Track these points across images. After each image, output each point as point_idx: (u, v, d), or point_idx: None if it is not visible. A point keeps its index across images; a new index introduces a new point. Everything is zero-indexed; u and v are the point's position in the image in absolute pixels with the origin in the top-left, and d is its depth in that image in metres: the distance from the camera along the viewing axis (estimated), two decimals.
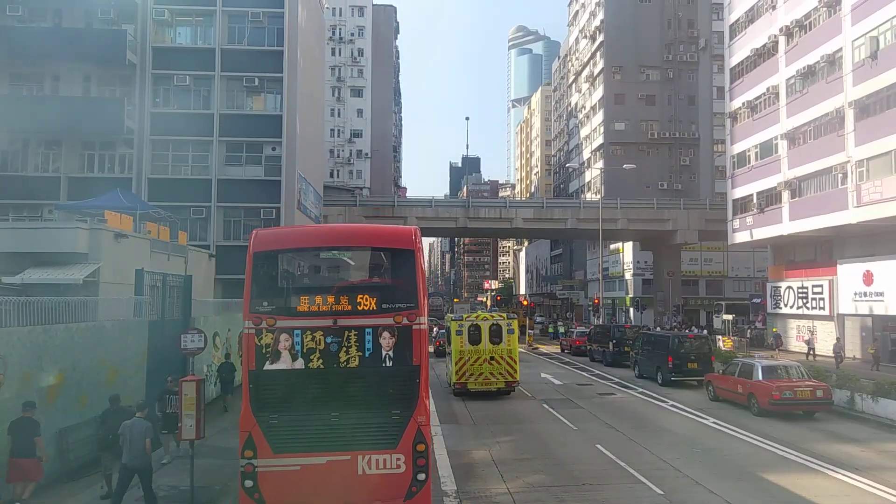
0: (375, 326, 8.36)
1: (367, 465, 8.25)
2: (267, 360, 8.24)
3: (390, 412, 8.32)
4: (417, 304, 8.45)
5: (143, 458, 9.28)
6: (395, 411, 8.32)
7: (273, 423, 8.18)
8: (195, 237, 30.36)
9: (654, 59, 67.14)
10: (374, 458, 8.25)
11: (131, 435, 9.23)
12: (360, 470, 8.23)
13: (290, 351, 8.28)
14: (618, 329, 29.95)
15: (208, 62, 31.29)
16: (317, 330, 8.30)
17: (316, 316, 8.37)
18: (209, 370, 18.83)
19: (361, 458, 8.23)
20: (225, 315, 21.64)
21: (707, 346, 22.87)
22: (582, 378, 25.55)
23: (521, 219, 50.32)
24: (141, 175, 30.69)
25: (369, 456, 8.25)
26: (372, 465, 8.26)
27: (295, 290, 8.91)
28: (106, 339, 12.64)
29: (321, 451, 8.19)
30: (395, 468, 8.28)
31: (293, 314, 8.40)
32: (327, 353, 8.30)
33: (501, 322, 20.69)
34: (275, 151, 31.65)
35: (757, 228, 38.35)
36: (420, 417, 8.34)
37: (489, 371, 20.29)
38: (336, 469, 8.17)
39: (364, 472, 8.23)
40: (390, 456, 8.29)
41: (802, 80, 33.47)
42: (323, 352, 8.30)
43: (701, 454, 13.24)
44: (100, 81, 31.17)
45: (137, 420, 9.48)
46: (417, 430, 8.31)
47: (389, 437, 8.28)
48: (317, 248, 9.48)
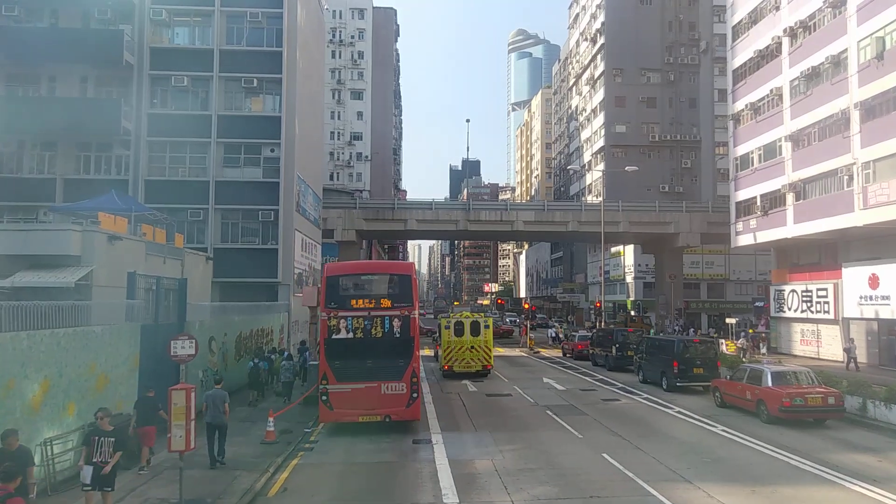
0: (391, 316, 15.73)
1: (386, 388, 15.50)
2: (333, 333, 15.54)
3: (397, 360, 15.61)
4: (412, 304, 16.02)
5: (221, 418, 12.59)
6: (400, 360, 15.65)
7: (336, 366, 15.45)
8: (192, 240, 30.01)
9: (654, 61, 66.94)
10: (390, 385, 15.53)
11: (213, 401, 12.63)
12: (382, 391, 15.48)
13: (345, 328, 15.58)
14: (620, 333, 29.49)
15: (206, 63, 30.91)
16: (359, 318, 15.64)
17: (359, 310, 15.74)
18: (205, 376, 18.39)
19: (383, 385, 15.50)
20: (222, 319, 21.21)
21: (713, 351, 22.38)
22: (585, 383, 25.11)
23: (522, 221, 49.92)
24: (138, 177, 30.29)
25: (387, 383, 15.51)
26: (389, 388, 15.51)
27: (348, 296, 16.09)
28: (95, 345, 12.20)
29: (361, 381, 15.40)
30: (400, 390, 15.52)
31: (347, 309, 15.74)
32: (365, 330, 15.60)
33: (480, 320, 27.13)
34: (273, 153, 31.26)
35: (760, 231, 37.94)
36: (414, 364, 15.71)
37: (470, 357, 26.38)
38: (369, 390, 15.39)
39: (384, 392, 15.48)
40: (398, 383, 15.54)
41: (807, 82, 33.11)
42: (363, 329, 15.59)
43: (711, 464, 12.80)
44: (97, 82, 30.77)
45: (217, 390, 12.89)
46: (412, 370, 15.65)
47: (397, 373, 15.55)
48: (359, 274, 17.73)
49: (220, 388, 12.98)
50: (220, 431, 12.65)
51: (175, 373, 16.49)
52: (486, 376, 26.89)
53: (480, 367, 26.54)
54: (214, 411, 12.59)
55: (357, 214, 49.64)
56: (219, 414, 12.56)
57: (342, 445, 14.76)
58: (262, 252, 30.87)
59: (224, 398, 12.72)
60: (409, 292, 16.08)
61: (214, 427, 12.57)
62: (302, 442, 15.01)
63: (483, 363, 26.55)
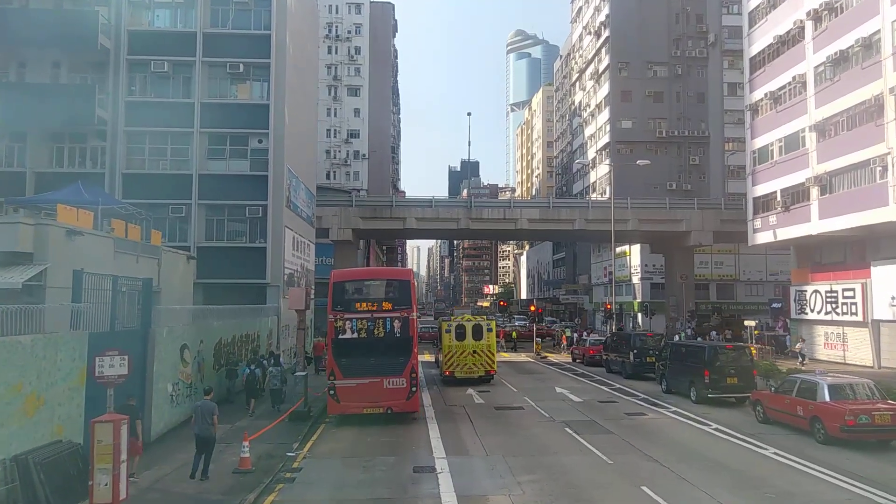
0: (392, 317, 17.16)
1: (388, 383, 16.86)
2: (339, 334, 17.06)
3: (398, 357, 16.99)
4: (411, 306, 17.49)
5: (209, 430, 11.88)
6: (401, 357, 17.02)
7: (343, 362, 16.91)
8: (174, 238, 27.77)
9: (661, 54, 64.72)
10: (391, 380, 16.87)
11: (202, 413, 11.95)
12: (385, 385, 16.84)
13: (350, 329, 17.02)
14: (639, 338, 27.14)
15: (189, 47, 28.65)
16: (363, 319, 17.12)
17: (363, 312, 17.21)
18: (175, 390, 16.11)
19: (385, 380, 16.85)
20: (200, 324, 18.92)
21: (748, 358, 19.97)
22: (602, 393, 22.81)
23: (527, 219, 47.62)
24: (115, 170, 28.01)
25: (389, 378, 16.86)
26: (390, 383, 16.86)
27: (353, 300, 17.53)
28: (21, 359, 9.91)
29: (366, 376, 16.77)
30: (401, 385, 16.91)
31: (352, 311, 17.23)
32: (368, 330, 17.07)
33: (482, 323, 26.11)
34: (261, 144, 28.98)
35: (781, 228, 35.71)
36: (413, 361, 17.10)
37: (472, 362, 25.03)
38: (373, 385, 16.76)
39: (386, 387, 16.85)
40: (398, 378, 16.90)
41: (834, 67, 30.90)
42: (366, 329, 17.06)
43: (777, 500, 10.55)
44: (70, 68, 28.55)
45: (206, 401, 12.22)
46: (411, 366, 17.05)
47: (398, 369, 16.92)
48: (362, 280, 19.22)
49: (209, 398, 12.40)
50: (207, 445, 11.94)
51: (139, 385, 14.26)
52: (490, 382, 25.38)
53: (483, 373, 25.16)
54: (203, 423, 11.92)
55: (354, 212, 47.31)
56: (207, 426, 11.90)
57: (330, 474, 12.47)
58: (249, 251, 28.60)
59: (213, 410, 12.05)
60: (408, 296, 17.75)
61: (202, 440, 11.95)
62: (283, 470, 12.71)
63: (486, 368, 25.17)
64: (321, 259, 49.98)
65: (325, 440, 15.61)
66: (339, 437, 15.86)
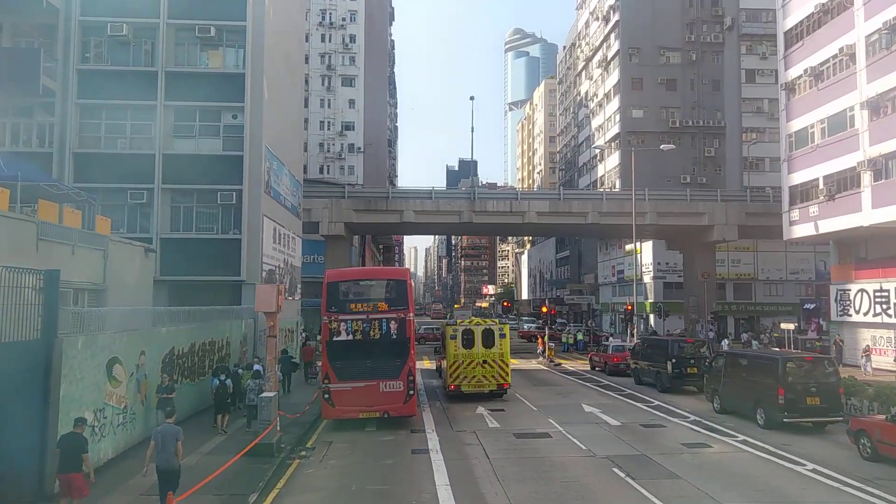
0: (388, 318, 17.05)
1: (384, 386, 16.73)
2: (334, 335, 16.89)
3: (395, 360, 16.88)
4: (408, 307, 17.32)
5: (173, 461, 10.08)
6: (397, 359, 16.91)
7: (337, 365, 16.73)
8: (134, 227, 23.96)
9: (674, 39, 60.95)
10: (387, 383, 16.76)
11: (163, 439, 10.10)
12: (381, 389, 16.69)
13: (345, 330, 16.91)
14: (677, 344, 23.17)
15: (152, 7, 24.66)
16: (358, 320, 17.00)
17: (358, 314, 17.08)
18: (98, 418, 12.15)
19: (382, 383, 16.71)
20: (141, 332, 14.95)
21: (832, 374, 15.97)
22: (642, 413, 18.84)
23: (535, 212, 43.68)
24: (64, 149, 24.02)
25: (385, 382, 16.74)
26: (387, 386, 16.74)
27: (348, 300, 17.45)
28: None
29: (361, 380, 16.63)
30: (398, 388, 16.77)
31: (347, 312, 17.11)
32: (364, 332, 16.94)
33: (494, 327, 22.38)
34: (236, 119, 25.02)
35: (824, 220, 31.86)
36: (410, 363, 16.96)
37: (482, 374, 21.64)
38: (369, 389, 16.61)
39: (383, 390, 16.70)
40: (395, 381, 16.79)
41: (891, 35, 27.10)
42: (362, 331, 16.93)
43: None
44: (13, 31, 24.58)
45: (167, 425, 10.34)
46: (408, 369, 16.90)
47: (394, 372, 16.80)
48: (357, 280, 19.48)
49: (171, 422, 10.60)
50: (171, 480, 10.09)
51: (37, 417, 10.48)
52: (503, 397, 21.95)
53: (495, 387, 21.67)
54: (165, 453, 10.11)
55: (346, 204, 43.33)
56: (170, 456, 10.10)
57: None
58: (221, 243, 24.64)
59: (176, 435, 10.29)
60: (405, 296, 17.35)
61: (165, 474, 10.07)
62: None
63: (498, 381, 21.66)
64: (312, 257, 46.11)
65: (294, 489, 11.64)
66: (315, 484, 11.92)
